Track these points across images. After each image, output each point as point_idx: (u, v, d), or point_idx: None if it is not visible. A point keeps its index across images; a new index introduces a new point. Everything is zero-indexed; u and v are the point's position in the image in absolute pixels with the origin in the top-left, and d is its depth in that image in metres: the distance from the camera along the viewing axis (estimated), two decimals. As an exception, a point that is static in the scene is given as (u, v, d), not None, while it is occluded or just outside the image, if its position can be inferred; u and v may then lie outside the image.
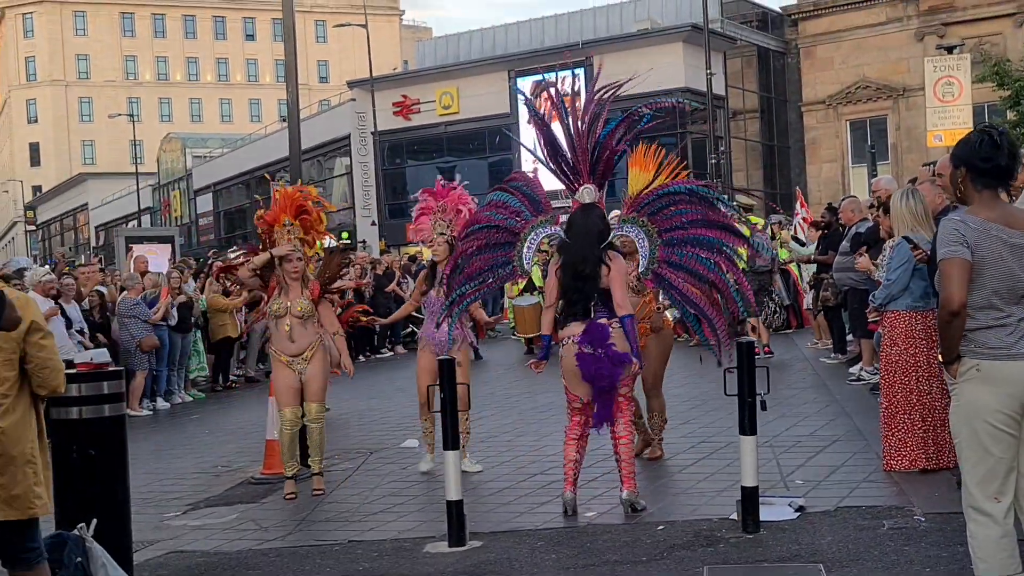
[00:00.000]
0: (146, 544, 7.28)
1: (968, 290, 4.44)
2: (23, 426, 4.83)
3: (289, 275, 8.43)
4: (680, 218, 7.24)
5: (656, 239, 7.22)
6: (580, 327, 7.06)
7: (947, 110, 24.05)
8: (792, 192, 46.96)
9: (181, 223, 63.86)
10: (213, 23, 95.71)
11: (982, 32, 40.75)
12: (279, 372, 8.51)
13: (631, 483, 7.17)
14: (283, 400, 8.48)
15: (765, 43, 47.85)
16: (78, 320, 13.75)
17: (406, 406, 13.22)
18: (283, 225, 8.59)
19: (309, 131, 45.09)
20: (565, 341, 7.14)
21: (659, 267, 7.23)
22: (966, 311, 4.45)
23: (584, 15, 49.13)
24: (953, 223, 4.53)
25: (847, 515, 6.67)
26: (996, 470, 4.49)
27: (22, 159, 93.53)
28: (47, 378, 4.87)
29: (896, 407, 7.67)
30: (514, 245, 7.40)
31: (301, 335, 8.41)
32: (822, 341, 15.47)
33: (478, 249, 7.47)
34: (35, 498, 4.83)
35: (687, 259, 7.16)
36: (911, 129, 41.48)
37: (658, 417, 8.81)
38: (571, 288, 7.10)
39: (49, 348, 4.89)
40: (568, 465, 7.20)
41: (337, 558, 6.74)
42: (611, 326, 7.03)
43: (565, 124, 7.30)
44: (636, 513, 7.11)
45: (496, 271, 7.49)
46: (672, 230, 7.23)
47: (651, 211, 7.29)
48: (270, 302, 8.48)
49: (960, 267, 4.43)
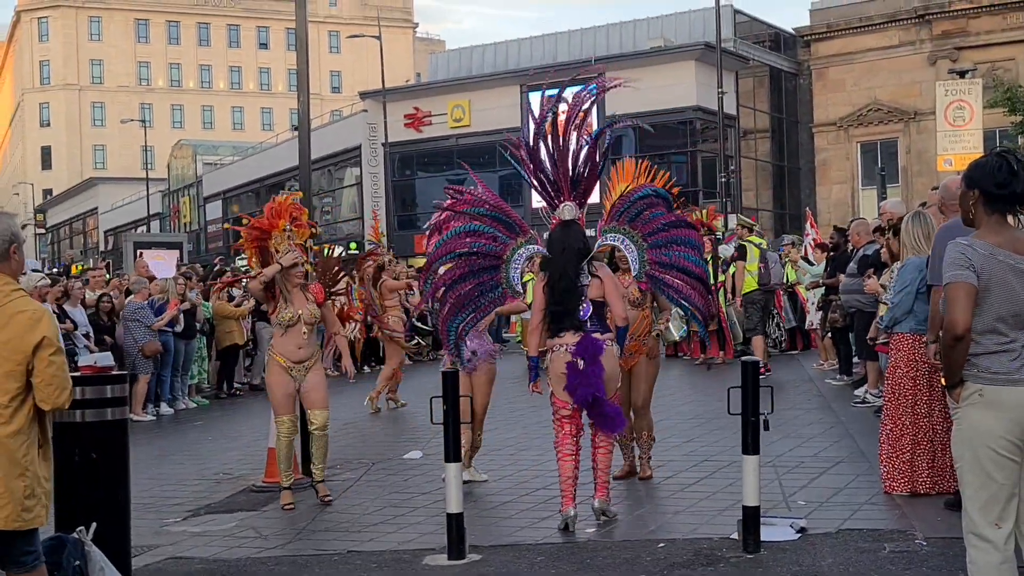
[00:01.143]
0: (145, 549, 7.27)
1: (973, 315, 4.43)
2: (21, 438, 4.75)
3: (292, 282, 8.43)
4: (658, 220, 7.53)
5: (642, 243, 7.48)
6: (574, 337, 7.13)
7: (958, 134, 24.08)
8: (802, 213, 47.11)
9: (190, 229, 63.99)
10: (227, 31, 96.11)
11: (995, 57, 40.78)
12: (278, 378, 8.42)
13: (604, 492, 7.33)
14: (281, 408, 8.44)
15: (777, 63, 47.90)
16: (83, 324, 13.77)
17: (409, 417, 13.24)
18: (283, 230, 8.57)
19: (320, 141, 45.17)
20: (556, 348, 7.20)
21: (650, 268, 7.48)
22: (970, 335, 4.43)
23: (597, 32, 49.20)
24: (960, 247, 4.51)
25: (848, 537, 6.64)
26: (998, 496, 4.46)
27: (34, 162, 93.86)
28: (51, 395, 4.75)
29: (898, 429, 7.65)
30: (499, 268, 7.43)
31: (308, 343, 8.43)
32: (828, 362, 15.45)
33: (460, 277, 7.46)
34: (23, 511, 4.73)
35: (676, 258, 7.48)
36: (922, 152, 41.49)
37: (647, 435, 8.75)
38: (557, 301, 7.18)
39: (58, 365, 4.77)
40: (566, 483, 7.20)
41: (336, 568, 6.73)
42: (605, 343, 7.14)
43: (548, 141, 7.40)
44: (607, 520, 7.31)
45: (485, 296, 7.51)
46: (654, 233, 7.51)
47: (629, 217, 7.51)
48: (277, 311, 8.45)
49: (966, 291, 4.41)
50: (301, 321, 8.37)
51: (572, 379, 7.07)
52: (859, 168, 45.01)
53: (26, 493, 4.73)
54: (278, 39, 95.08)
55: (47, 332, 4.78)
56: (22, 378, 4.75)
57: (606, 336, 7.19)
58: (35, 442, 4.82)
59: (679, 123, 42.02)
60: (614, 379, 7.28)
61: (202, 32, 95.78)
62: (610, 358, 7.16)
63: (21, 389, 4.75)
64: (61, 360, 4.81)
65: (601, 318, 7.24)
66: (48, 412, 4.88)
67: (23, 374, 4.75)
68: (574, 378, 7.06)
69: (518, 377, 17.21)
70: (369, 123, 48.87)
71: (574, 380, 7.06)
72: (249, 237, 8.73)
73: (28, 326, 4.74)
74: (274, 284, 8.41)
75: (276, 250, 8.56)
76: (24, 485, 4.73)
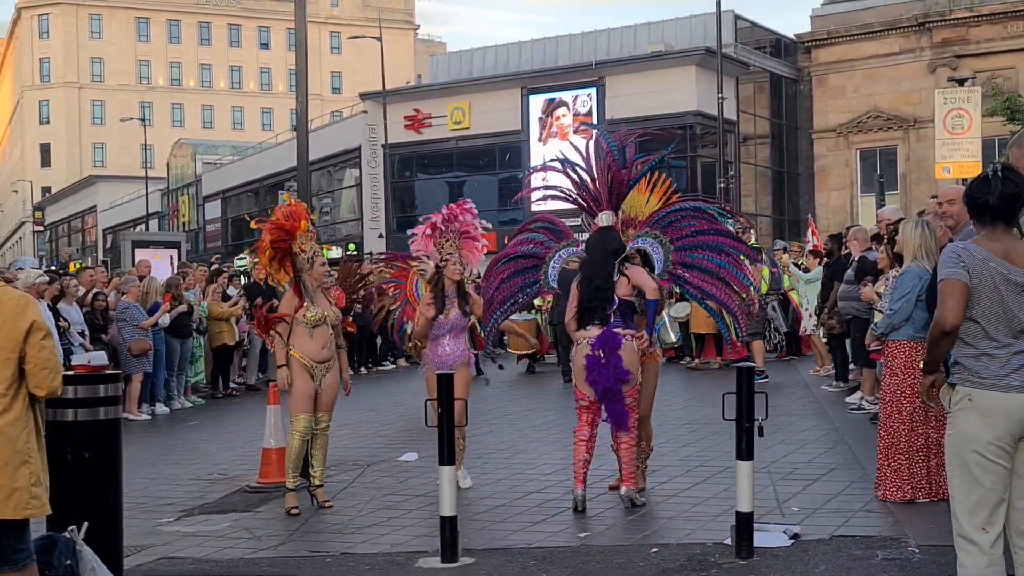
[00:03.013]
0: (138, 549, 7.26)
1: (964, 315, 4.51)
2: (20, 425, 4.82)
3: (318, 281, 8.45)
4: (688, 228, 7.97)
5: (668, 246, 7.89)
6: (597, 331, 7.69)
7: (956, 142, 24.07)
8: (801, 219, 47.11)
9: (188, 229, 63.93)
10: (228, 31, 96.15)
11: (995, 66, 40.79)
12: (300, 378, 8.33)
13: (631, 481, 7.79)
14: (300, 406, 8.34)
15: (778, 70, 47.90)
16: (79, 322, 13.75)
17: (406, 419, 13.22)
18: (306, 231, 8.54)
19: (320, 142, 45.23)
20: (581, 341, 7.80)
21: (674, 268, 7.87)
22: (957, 332, 4.54)
23: (598, 36, 49.15)
24: (956, 248, 4.66)
25: (842, 544, 6.64)
26: (985, 500, 4.51)
27: (33, 159, 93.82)
28: (45, 379, 4.85)
29: (894, 436, 7.65)
30: (540, 268, 8.16)
31: (330, 344, 8.44)
32: (824, 368, 15.44)
33: (508, 276, 8.24)
34: (32, 499, 4.80)
35: (700, 260, 7.87)
36: (921, 160, 41.49)
37: (645, 445, 8.55)
38: (589, 297, 7.76)
39: (49, 349, 4.88)
40: (578, 464, 7.74)
41: (328, 569, 6.72)
42: (625, 337, 7.61)
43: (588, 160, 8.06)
44: (635, 508, 7.73)
45: (524, 291, 8.25)
46: (682, 238, 7.95)
47: (662, 226, 7.97)
48: (303, 310, 8.37)
49: (958, 289, 4.52)
50: (327, 322, 8.37)
51: (591, 370, 7.61)
52: (858, 175, 44.97)
53: (32, 480, 4.82)
54: (279, 39, 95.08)
55: (36, 317, 4.90)
56: (14, 365, 4.83)
57: (627, 331, 7.66)
58: (33, 431, 4.89)
59: (679, 128, 42.04)
60: (634, 372, 7.70)
61: (203, 31, 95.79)
62: (629, 351, 7.64)
63: (15, 377, 4.83)
64: (52, 344, 4.92)
65: (626, 316, 7.73)
66: (40, 402, 4.93)
67: (15, 361, 4.83)
68: (592, 368, 7.59)
69: (512, 382, 17.25)
70: (369, 124, 48.83)
71: (593, 371, 7.58)
72: (275, 237, 8.63)
73: (17, 312, 4.83)
74: (300, 284, 8.43)
75: (301, 250, 8.48)
76: (29, 472, 4.82)
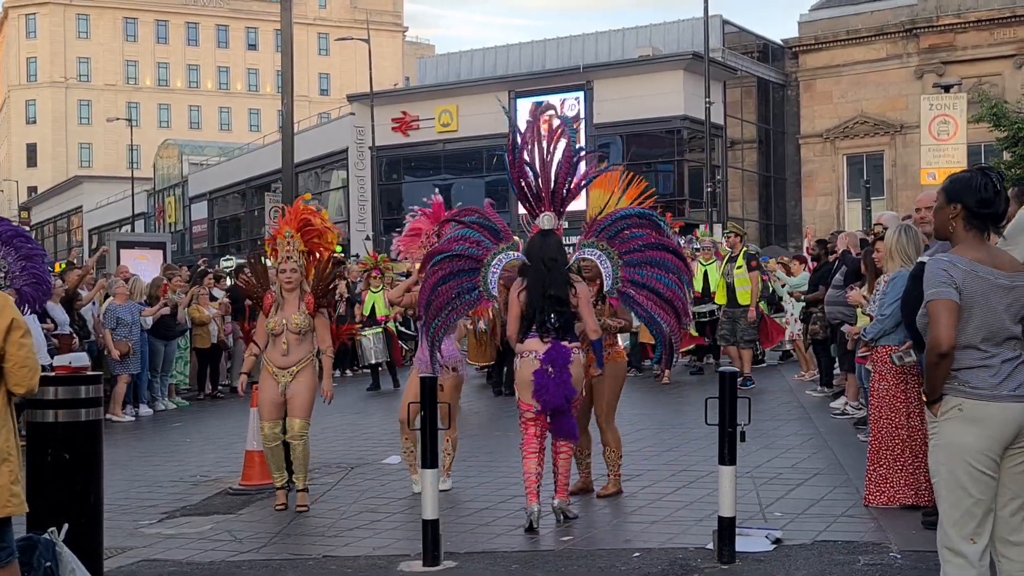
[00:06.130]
0: (118, 551, 7.24)
1: (956, 331, 4.44)
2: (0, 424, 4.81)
3: (284, 286, 8.37)
4: (636, 241, 7.66)
5: (617, 260, 7.61)
6: (541, 345, 7.41)
7: (942, 148, 24.14)
8: (787, 223, 47.20)
9: (175, 230, 63.74)
10: (216, 31, 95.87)
11: (981, 72, 40.93)
12: (264, 383, 8.42)
13: (564, 493, 7.63)
14: (264, 413, 8.42)
15: (765, 74, 48.01)
16: (64, 323, 13.69)
17: (389, 422, 13.19)
18: (284, 236, 8.51)
19: (307, 143, 45.16)
20: (525, 355, 7.47)
21: (623, 286, 7.60)
22: (954, 353, 4.45)
23: (586, 39, 49.25)
24: (941, 264, 4.52)
25: (823, 549, 6.64)
26: (973, 511, 4.46)
27: (19, 159, 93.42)
28: (25, 377, 4.83)
29: (883, 442, 7.65)
30: (478, 272, 7.61)
31: (295, 349, 8.35)
32: (809, 373, 15.46)
33: (441, 279, 7.64)
34: (12, 496, 4.80)
35: (648, 279, 7.58)
36: (907, 166, 41.59)
37: (613, 452, 8.47)
38: (538, 307, 7.42)
39: (28, 347, 4.87)
40: (530, 478, 7.44)
41: (310, 572, 6.71)
42: (573, 350, 7.43)
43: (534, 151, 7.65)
44: (567, 520, 7.55)
45: (462, 297, 7.68)
46: (630, 252, 7.64)
47: (608, 235, 7.67)
48: (268, 319, 8.40)
49: (949, 309, 4.43)
50: (285, 330, 8.33)
51: (540, 385, 7.33)
52: (845, 180, 45.09)
53: (12, 479, 4.82)
54: (267, 40, 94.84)
55: (14, 315, 4.87)
56: None
57: (574, 344, 7.47)
58: (12, 430, 4.87)
59: (666, 132, 42.10)
60: (579, 386, 7.54)
61: (190, 32, 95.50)
62: (577, 366, 7.45)
63: None
64: (31, 342, 4.91)
65: (570, 328, 7.48)
66: (15, 399, 4.93)
67: None
68: (542, 385, 7.32)
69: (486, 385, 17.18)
70: (356, 126, 48.78)
71: (542, 386, 7.32)
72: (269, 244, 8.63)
73: None
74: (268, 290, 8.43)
75: (275, 251, 8.47)
76: (9, 470, 4.82)
